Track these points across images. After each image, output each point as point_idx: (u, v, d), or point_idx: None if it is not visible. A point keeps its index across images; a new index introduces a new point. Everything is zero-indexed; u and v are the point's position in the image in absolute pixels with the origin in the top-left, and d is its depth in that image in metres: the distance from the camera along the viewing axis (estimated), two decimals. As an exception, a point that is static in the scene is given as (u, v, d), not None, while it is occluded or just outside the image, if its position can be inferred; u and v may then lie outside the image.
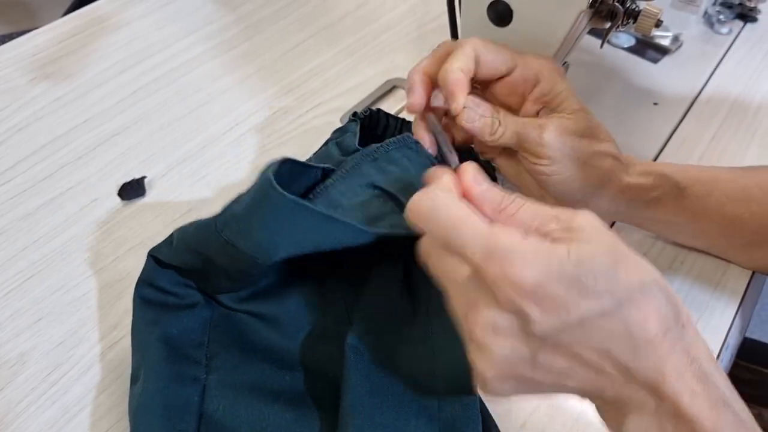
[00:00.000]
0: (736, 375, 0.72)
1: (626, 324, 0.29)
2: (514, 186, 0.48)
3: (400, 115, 0.52)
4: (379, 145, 0.44)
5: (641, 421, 0.31)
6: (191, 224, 0.42)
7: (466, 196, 0.34)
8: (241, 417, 0.40)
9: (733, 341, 0.47)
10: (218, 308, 0.44)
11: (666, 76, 0.68)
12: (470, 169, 0.35)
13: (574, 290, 0.29)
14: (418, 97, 0.44)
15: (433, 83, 0.44)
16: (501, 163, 0.48)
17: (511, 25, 0.46)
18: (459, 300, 0.33)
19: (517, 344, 0.30)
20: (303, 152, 0.59)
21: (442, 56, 0.43)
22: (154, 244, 0.51)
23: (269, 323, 0.44)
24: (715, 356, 0.45)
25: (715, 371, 0.31)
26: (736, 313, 0.47)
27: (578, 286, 0.29)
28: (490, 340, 0.31)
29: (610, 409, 0.32)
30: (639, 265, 0.31)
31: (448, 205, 0.32)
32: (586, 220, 0.31)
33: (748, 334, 0.58)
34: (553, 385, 0.32)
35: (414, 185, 0.38)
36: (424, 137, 0.44)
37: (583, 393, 0.32)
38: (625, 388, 0.31)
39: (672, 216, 0.47)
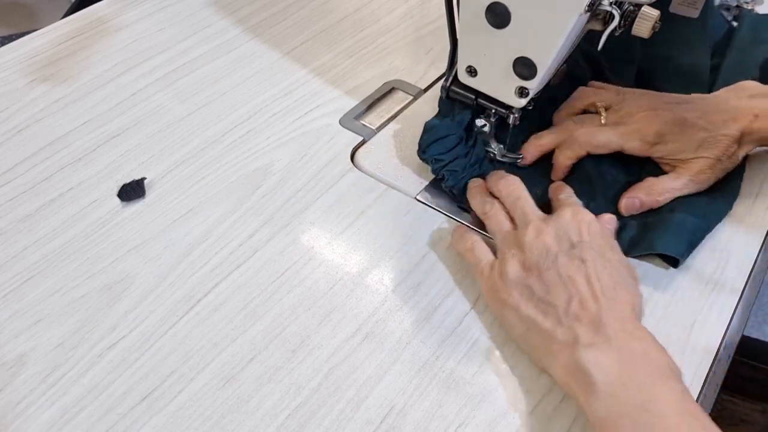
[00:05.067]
0: (737, 371, 0.73)
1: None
2: None
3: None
4: None
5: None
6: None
7: None
8: None
9: (732, 340, 0.47)
10: None
11: (663, 78, 0.68)
12: None
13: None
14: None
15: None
16: None
17: (509, 28, 0.46)
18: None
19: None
20: (302, 155, 0.59)
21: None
22: (154, 246, 0.51)
23: None
24: (713, 354, 0.45)
25: None
26: (734, 312, 0.48)
27: None
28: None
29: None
30: None
31: None
32: None
33: (745, 333, 0.58)
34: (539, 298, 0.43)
35: None
36: None
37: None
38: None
39: None
